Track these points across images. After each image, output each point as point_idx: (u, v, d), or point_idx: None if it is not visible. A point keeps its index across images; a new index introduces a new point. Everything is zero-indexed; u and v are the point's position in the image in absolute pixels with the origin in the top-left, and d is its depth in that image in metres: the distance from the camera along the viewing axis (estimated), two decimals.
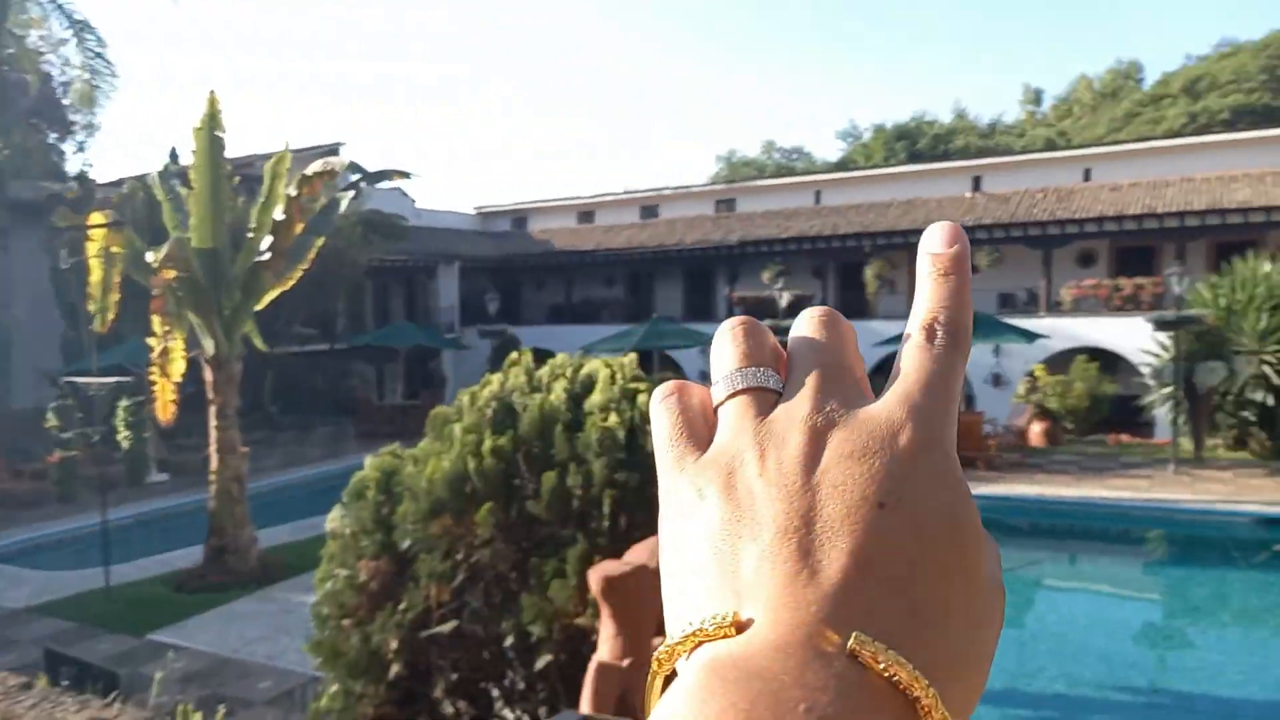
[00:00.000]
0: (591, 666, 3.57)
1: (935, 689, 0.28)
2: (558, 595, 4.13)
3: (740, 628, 0.30)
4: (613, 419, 4.43)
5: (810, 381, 0.35)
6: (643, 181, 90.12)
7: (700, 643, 0.30)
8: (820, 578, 0.30)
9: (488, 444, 4.44)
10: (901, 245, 26.50)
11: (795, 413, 0.34)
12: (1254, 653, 8.50)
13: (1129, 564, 12.18)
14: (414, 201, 29.59)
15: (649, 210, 32.80)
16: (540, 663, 4.17)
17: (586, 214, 33.72)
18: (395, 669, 4.37)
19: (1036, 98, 55.22)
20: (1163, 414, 16.53)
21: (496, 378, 4.88)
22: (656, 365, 23.69)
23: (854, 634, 0.29)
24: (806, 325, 0.38)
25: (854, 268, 27.93)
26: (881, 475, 0.32)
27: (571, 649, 4.15)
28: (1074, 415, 19.11)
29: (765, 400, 0.35)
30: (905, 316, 0.36)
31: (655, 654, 0.32)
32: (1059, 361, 21.64)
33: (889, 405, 0.34)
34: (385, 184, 25.47)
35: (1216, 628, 9.33)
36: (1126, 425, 20.45)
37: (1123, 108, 44.92)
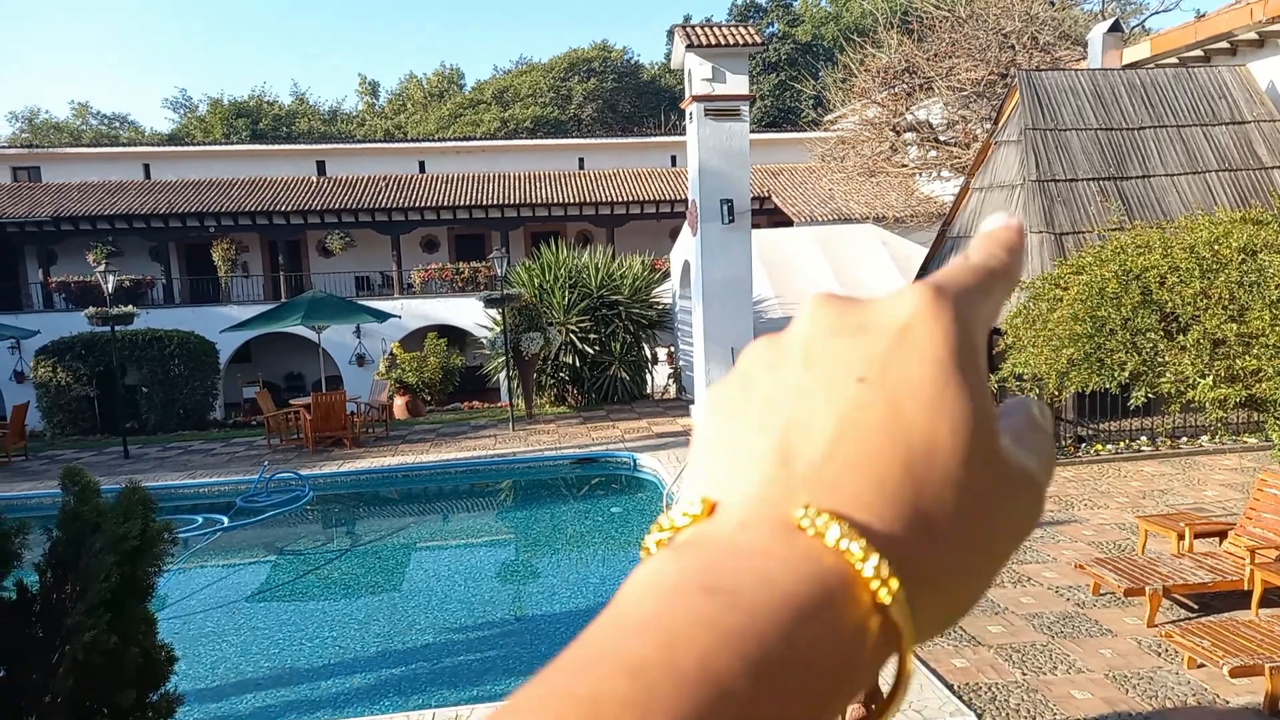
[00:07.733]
0: None
1: (894, 564, 0.27)
2: None
3: (712, 511, 0.29)
4: None
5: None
6: None
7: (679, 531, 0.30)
8: (790, 454, 0.29)
9: None
10: (250, 227, 25.27)
11: (812, 303, 0.33)
12: (580, 569, 10.29)
13: (482, 514, 13.65)
14: None
15: None
16: None
17: None
18: None
19: (374, 90, 57.46)
20: (502, 379, 18.91)
21: None
22: None
23: (803, 506, 0.27)
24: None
25: (200, 249, 25.76)
26: (865, 350, 0.30)
27: None
28: (431, 388, 20.64)
29: None
30: (259, 301, 0.35)
31: (643, 544, 0.31)
32: (414, 339, 23.14)
33: (901, 289, 0.32)
34: None
35: (552, 554, 11.07)
36: (478, 392, 22.85)
37: (448, 108, 49.17)
